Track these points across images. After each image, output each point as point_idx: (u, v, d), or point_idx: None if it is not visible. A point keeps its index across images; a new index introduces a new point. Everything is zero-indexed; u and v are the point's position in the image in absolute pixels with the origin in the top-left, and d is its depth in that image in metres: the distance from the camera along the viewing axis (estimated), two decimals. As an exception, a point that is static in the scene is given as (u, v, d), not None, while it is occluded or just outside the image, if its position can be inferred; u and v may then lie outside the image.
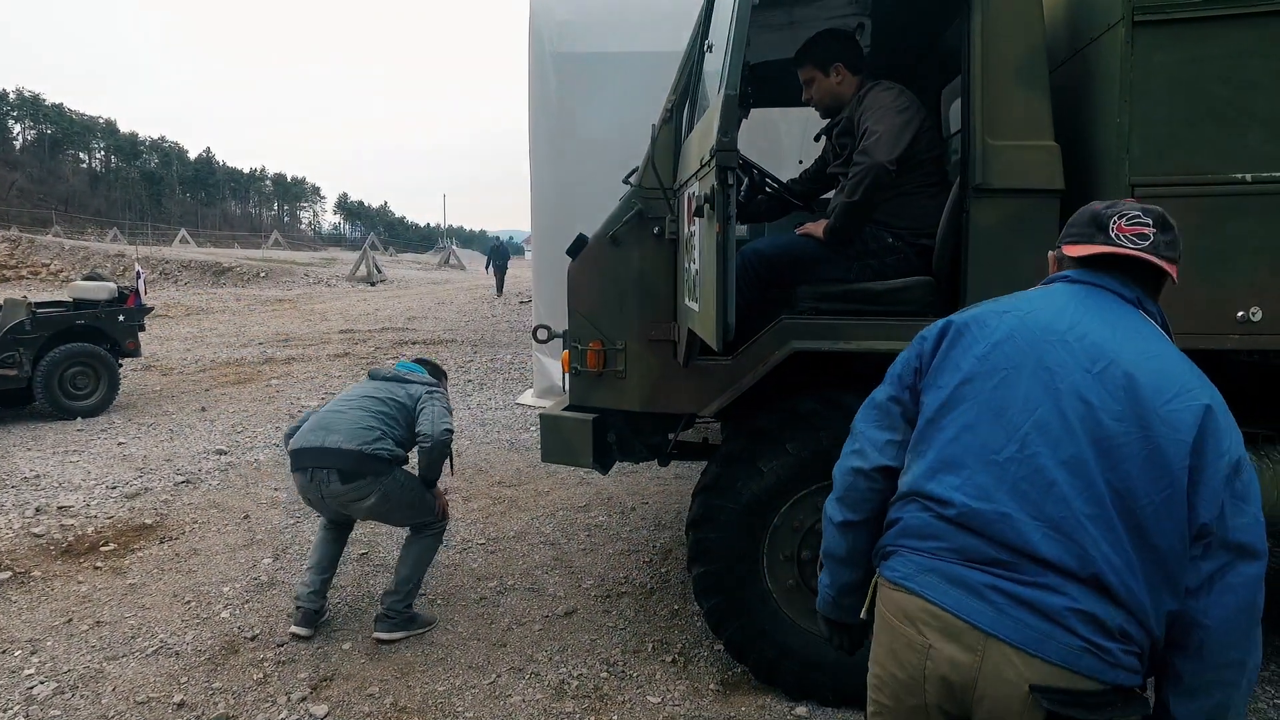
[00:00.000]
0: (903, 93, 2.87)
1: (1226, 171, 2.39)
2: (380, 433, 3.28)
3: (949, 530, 1.41)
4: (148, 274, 18.70)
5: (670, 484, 5.47)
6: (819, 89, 3.09)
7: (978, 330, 1.52)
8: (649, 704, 2.89)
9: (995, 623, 1.32)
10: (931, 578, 1.40)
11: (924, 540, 1.44)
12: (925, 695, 1.41)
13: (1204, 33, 2.37)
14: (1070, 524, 1.32)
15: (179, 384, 9.69)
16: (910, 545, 1.46)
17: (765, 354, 2.70)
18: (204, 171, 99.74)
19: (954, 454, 1.44)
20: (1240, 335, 2.44)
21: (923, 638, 1.39)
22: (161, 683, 3.07)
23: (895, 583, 1.46)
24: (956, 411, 1.46)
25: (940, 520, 1.42)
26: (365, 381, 3.58)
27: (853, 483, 1.62)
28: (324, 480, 3.20)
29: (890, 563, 1.49)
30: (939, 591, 1.38)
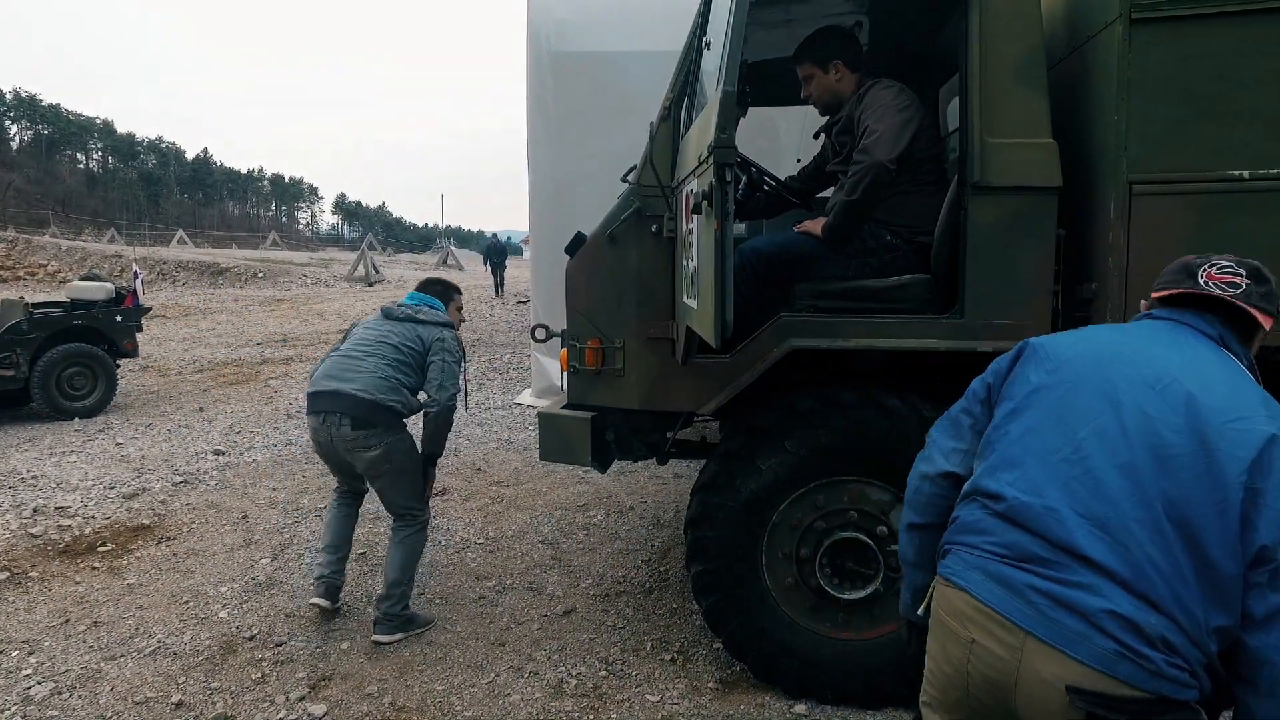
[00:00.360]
0: (903, 91, 2.86)
1: (1223, 169, 2.39)
2: (396, 382, 3.33)
3: (998, 525, 1.45)
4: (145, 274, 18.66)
5: (669, 483, 5.47)
6: (818, 86, 3.08)
7: (1051, 348, 1.60)
8: (648, 702, 2.89)
9: (1033, 621, 1.34)
10: (977, 575, 1.44)
11: (975, 535, 1.49)
12: (968, 689, 1.45)
13: (1201, 30, 2.37)
14: (1116, 524, 1.33)
15: (177, 384, 9.67)
16: (963, 541, 1.51)
17: (764, 352, 2.70)
18: (201, 172, 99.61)
19: (1013, 454, 1.50)
20: (1238, 332, 2.44)
21: (967, 633, 1.43)
22: (160, 683, 3.06)
23: (947, 579, 1.51)
24: (1022, 418, 1.53)
25: (991, 515, 1.47)
26: (379, 320, 3.54)
27: (919, 487, 1.72)
28: (335, 424, 3.26)
29: (945, 560, 1.54)
30: (983, 588, 1.42)
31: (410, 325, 3.47)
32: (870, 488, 2.76)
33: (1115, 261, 2.47)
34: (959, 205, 2.63)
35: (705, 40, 2.71)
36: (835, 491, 2.78)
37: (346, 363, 3.36)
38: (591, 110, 6.58)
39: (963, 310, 2.61)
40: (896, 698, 2.81)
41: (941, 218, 2.75)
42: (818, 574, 2.81)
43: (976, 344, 2.60)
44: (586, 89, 6.59)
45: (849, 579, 2.82)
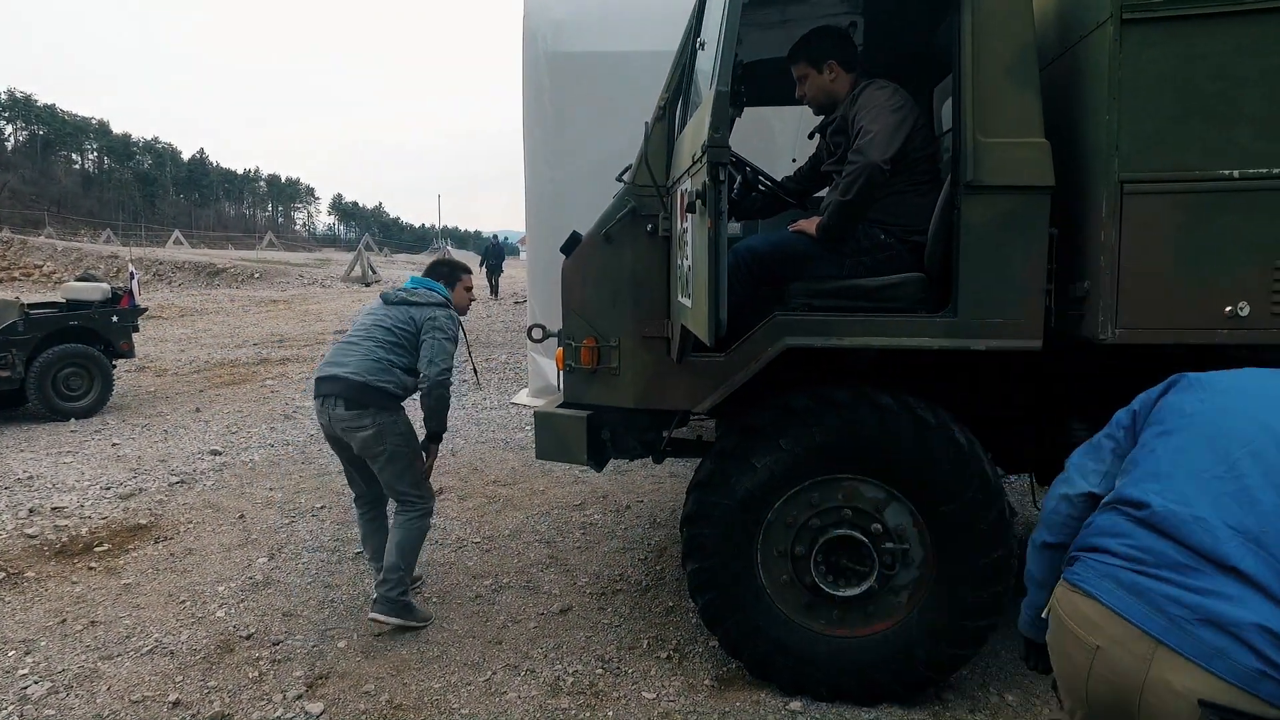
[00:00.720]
0: (897, 91, 2.87)
1: (1214, 168, 2.41)
2: (387, 363, 3.42)
3: (1135, 530, 1.46)
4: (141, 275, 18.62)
5: (665, 482, 5.48)
6: (812, 86, 3.09)
7: (1207, 380, 1.63)
8: (644, 700, 2.90)
9: (1166, 631, 1.34)
10: (1108, 583, 1.45)
11: (1110, 538, 1.49)
12: (1086, 693, 1.47)
13: (1192, 30, 2.39)
14: (1273, 540, 1.32)
15: (173, 385, 9.67)
16: (1095, 546, 1.52)
17: (758, 350, 2.71)
18: (198, 172, 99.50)
19: (1161, 468, 1.51)
20: (1229, 330, 2.46)
21: (1092, 639, 1.44)
22: (157, 682, 3.07)
23: (1073, 585, 1.51)
24: (1172, 438, 1.55)
25: (1130, 520, 1.48)
26: (377, 306, 3.65)
27: (1055, 507, 1.73)
28: (332, 405, 3.38)
29: (1073, 568, 1.55)
30: (1113, 596, 1.42)
31: (404, 308, 3.55)
32: (864, 485, 2.78)
33: (1107, 260, 2.49)
34: (952, 204, 2.65)
35: (699, 40, 2.73)
36: (830, 489, 2.79)
37: (344, 348, 3.50)
38: (589, 110, 6.58)
39: (956, 309, 2.62)
40: (891, 694, 2.83)
41: (935, 217, 2.77)
42: (812, 571, 2.82)
43: (970, 342, 2.62)
44: (583, 89, 6.59)
45: (843, 576, 2.83)
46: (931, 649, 2.77)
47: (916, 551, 2.79)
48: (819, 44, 3.03)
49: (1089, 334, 2.56)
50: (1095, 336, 2.53)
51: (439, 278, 3.74)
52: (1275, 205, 2.37)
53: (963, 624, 2.75)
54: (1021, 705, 2.87)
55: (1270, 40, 2.34)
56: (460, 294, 3.77)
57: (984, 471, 2.70)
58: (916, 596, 2.81)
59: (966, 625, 2.75)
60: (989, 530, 2.70)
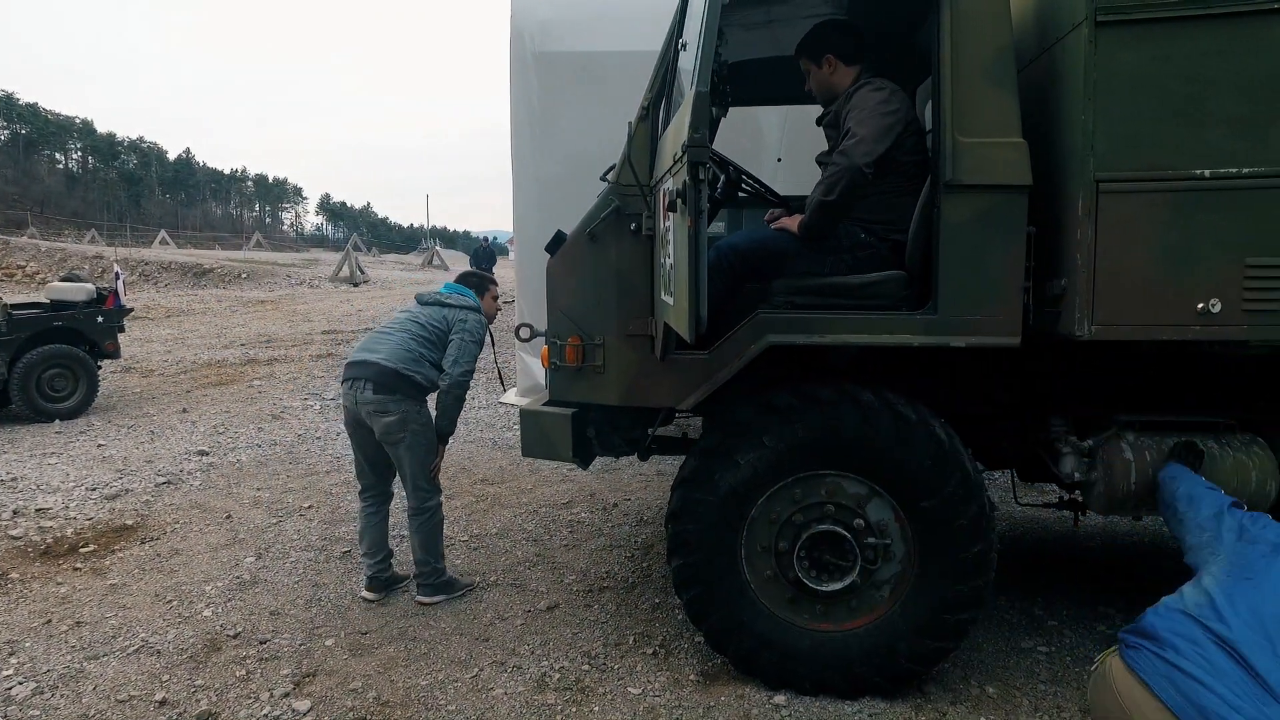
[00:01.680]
0: (894, 94, 2.84)
1: (1187, 168, 2.46)
2: (419, 355, 3.63)
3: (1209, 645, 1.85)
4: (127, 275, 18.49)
5: (652, 480, 5.51)
6: (814, 79, 3.12)
7: None
8: (630, 695, 2.93)
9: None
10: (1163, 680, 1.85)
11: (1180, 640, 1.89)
12: None
13: (1165, 33, 2.43)
14: None
15: (160, 385, 9.62)
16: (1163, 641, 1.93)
17: (741, 348, 2.74)
18: (184, 172, 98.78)
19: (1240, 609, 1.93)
20: (1201, 326, 2.51)
21: (1129, 709, 1.90)
22: (143, 681, 3.07)
23: (1131, 669, 1.96)
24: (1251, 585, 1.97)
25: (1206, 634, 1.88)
26: (413, 305, 3.88)
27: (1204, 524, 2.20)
28: (360, 388, 3.56)
29: (1135, 655, 1.98)
30: (1166, 693, 1.83)
31: (438, 308, 3.81)
32: (847, 481, 2.81)
33: (1083, 258, 2.53)
34: (932, 203, 2.68)
35: (681, 41, 2.75)
36: (812, 485, 2.82)
37: (378, 337, 3.72)
38: (576, 110, 6.58)
39: (936, 306, 2.65)
40: (874, 688, 2.86)
41: (915, 216, 2.80)
42: (796, 567, 2.85)
43: (950, 339, 2.65)
44: (570, 89, 6.59)
45: (826, 571, 2.86)
46: (914, 642, 2.81)
47: (898, 546, 2.82)
48: (818, 38, 3.06)
49: (1066, 331, 2.61)
50: (1072, 333, 2.57)
51: (470, 286, 3.97)
52: (1245, 204, 2.43)
53: (944, 617, 2.78)
54: (1002, 697, 2.91)
55: (1238, 43, 2.39)
56: (489, 303, 3.99)
57: (964, 467, 2.74)
58: (899, 591, 2.84)
59: (948, 619, 2.79)
60: (969, 525, 2.73)
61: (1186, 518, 2.39)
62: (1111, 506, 2.87)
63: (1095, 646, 3.25)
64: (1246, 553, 1.98)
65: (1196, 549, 2.25)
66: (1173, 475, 2.62)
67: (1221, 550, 2.07)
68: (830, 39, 3.05)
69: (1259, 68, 2.39)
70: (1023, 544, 4.46)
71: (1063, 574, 3.99)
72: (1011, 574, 3.91)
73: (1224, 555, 2.04)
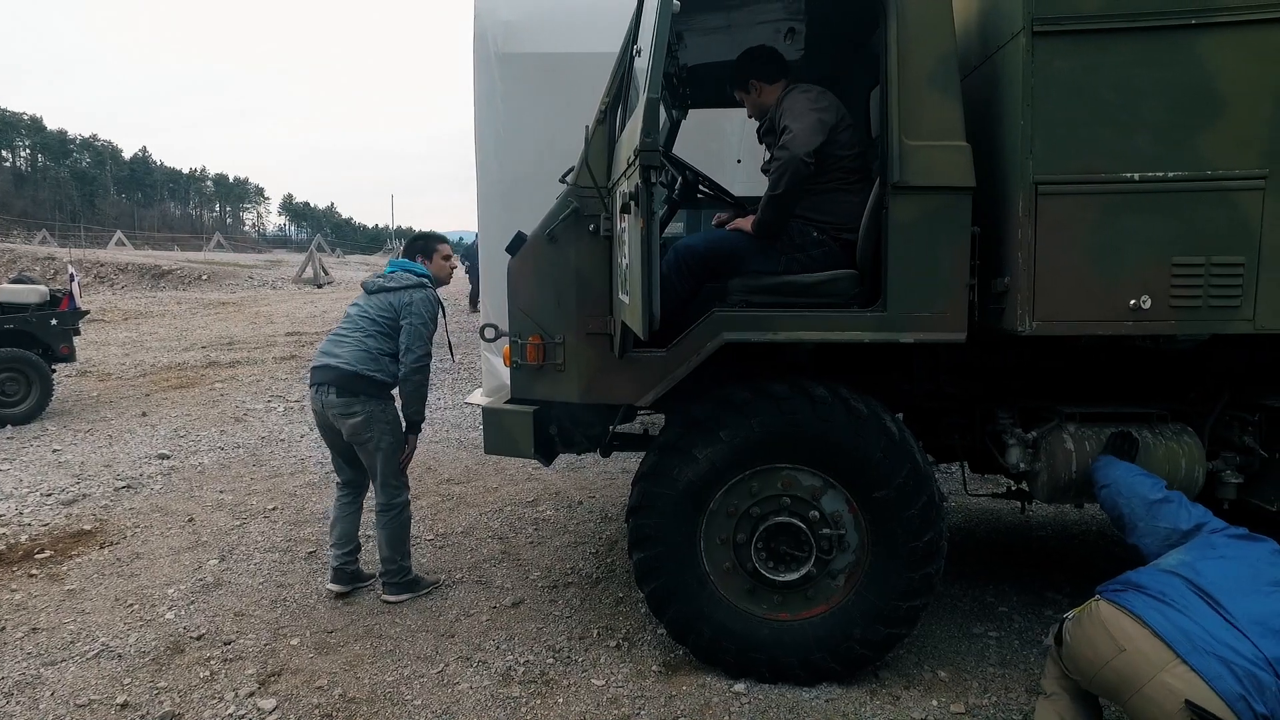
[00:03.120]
0: (822, 94, 3.03)
1: (1117, 171, 2.58)
2: (375, 352, 3.63)
3: (1189, 593, 2.11)
4: (81, 277, 18.07)
5: (617, 478, 5.57)
6: (749, 104, 3.35)
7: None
8: (593, 686, 2.99)
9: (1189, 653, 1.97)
10: (1155, 614, 2.07)
11: (1169, 590, 2.13)
12: (1094, 673, 2.15)
13: (1096, 44, 2.56)
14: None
15: (117, 389, 9.43)
16: (1152, 592, 2.15)
17: (698, 345, 2.81)
18: (140, 171, 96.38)
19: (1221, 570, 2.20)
20: (1133, 322, 2.64)
21: (1121, 643, 2.08)
22: (103, 685, 3.05)
23: (1120, 605, 2.16)
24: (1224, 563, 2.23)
25: (1188, 586, 2.14)
26: (361, 296, 3.83)
27: (1157, 523, 2.45)
28: (325, 393, 3.61)
29: (1124, 595, 2.19)
30: (1157, 622, 2.05)
31: (383, 295, 3.75)
32: (801, 474, 2.90)
33: (1024, 257, 2.65)
34: (881, 204, 2.78)
35: (636, 47, 2.81)
36: (769, 478, 2.91)
37: (335, 339, 3.73)
38: (539, 111, 6.62)
39: (885, 304, 2.75)
40: (830, 674, 2.95)
41: (865, 216, 2.90)
42: (754, 558, 2.94)
43: (898, 335, 2.75)
44: (534, 90, 6.63)
45: (783, 562, 2.95)
46: (868, 629, 2.91)
47: (852, 536, 2.92)
48: (740, 68, 3.27)
49: (1009, 327, 2.72)
50: (1015, 329, 2.69)
51: (415, 254, 3.91)
52: (1170, 206, 2.56)
53: (897, 604, 2.88)
54: (953, 680, 3.02)
55: (1162, 54, 2.52)
56: (439, 264, 3.90)
57: (914, 458, 2.84)
58: (853, 579, 2.94)
59: (901, 605, 2.89)
60: (919, 514, 2.84)
61: (1130, 509, 2.59)
62: (1054, 495, 3.00)
63: (1042, 630, 3.38)
64: (1210, 540, 2.31)
65: (1144, 534, 2.49)
66: (1106, 464, 2.78)
67: (1176, 537, 2.39)
68: (750, 66, 3.25)
69: (1181, 78, 2.52)
70: (976, 534, 4.61)
71: (1013, 562, 4.13)
72: (964, 563, 4.04)
73: (1188, 543, 2.35)
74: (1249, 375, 3.07)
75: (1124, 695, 2.05)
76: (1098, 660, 2.12)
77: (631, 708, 2.85)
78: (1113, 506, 2.64)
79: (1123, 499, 2.60)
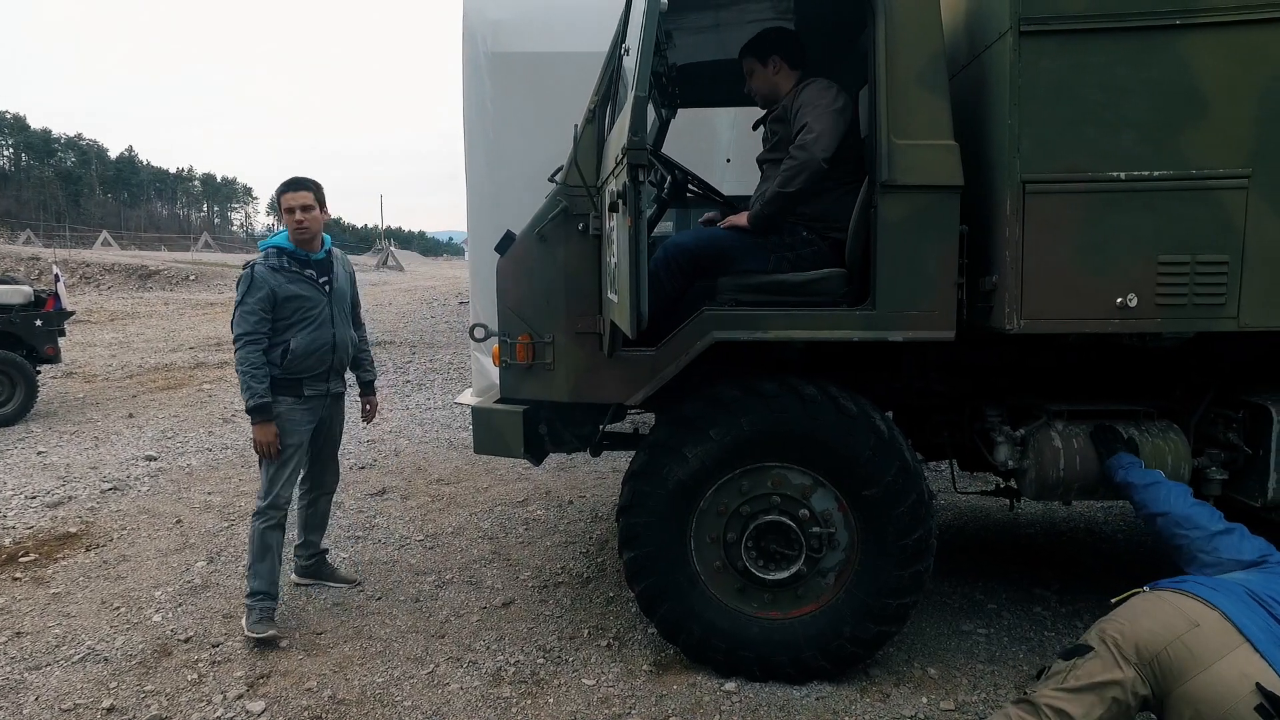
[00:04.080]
0: (840, 93, 2.98)
1: (1104, 170, 2.60)
2: None
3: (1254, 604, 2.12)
4: (67, 277, 17.91)
5: (608, 477, 5.57)
6: (758, 79, 3.22)
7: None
8: (584, 686, 2.98)
9: (1260, 641, 1.98)
10: (1230, 601, 2.08)
11: (1239, 585, 2.17)
12: (1159, 648, 2.06)
13: (1082, 43, 2.57)
14: None
15: (104, 391, 9.36)
16: (1216, 587, 2.17)
17: (687, 344, 2.81)
18: (126, 171, 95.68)
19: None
20: (1120, 320, 2.66)
21: (1195, 618, 2.06)
22: (89, 689, 3.02)
23: (1193, 594, 2.15)
24: None
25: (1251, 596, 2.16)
26: None
27: (1196, 538, 2.48)
28: None
29: (1196, 588, 2.19)
30: (1230, 608, 2.06)
31: None
32: (791, 472, 2.90)
33: (1012, 255, 2.66)
34: (870, 202, 2.79)
35: (624, 46, 2.81)
36: (759, 477, 2.91)
37: None
38: (529, 110, 6.60)
39: (874, 302, 2.76)
40: (821, 672, 2.96)
41: (854, 214, 2.91)
42: (744, 557, 2.94)
43: (887, 334, 2.76)
44: (524, 90, 6.62)
45: (773, 561, 2.95)
46: (858, 627, 2.91)
47: (842, 535, 2.93)
48: (766, 40, 3.18)
49: (997, 325, 2.73)
50: (1003, 327, 2.70)
51: None
52: (1156, 204, 2.58)
53: (887, 602, 2.89)
54: (943, 677, 3.03)
55: (1146, 54, 2.54)
56: (288, 220, 3.41)
57: (903, 457, 2.85)
58: (843, 577, 2.95)
59: (890, 603, 2.89)
60: (909, 512, 2.84)
61: (1189, 540, 2.54)
62: (1042, 492, 3.01)
63: (1031, 628, 3.40)
64: (1276, 569, 2.31)
65: (1206, 565, 2.45)
66: (1154, 487, 2.70)
67: (1238, 569, 2.37)
68: (777, 43, 3.16)
69: (1165, 77, 2.54)
70: (965, 532, 4.63)
71: (1002, 560, 4.16)
72: (954, 561, 4.06)
73: (1252, 570, 2.34)
74: (1233, 373, 3.10)
75: (1192, 672, 1.97)
76: (1168, 634, 2.04)
77: (622, 707, 2.85)
78: (1170, 536, 2.57)
79: (1182, 530, 2.53)
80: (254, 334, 3.31)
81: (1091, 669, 2.10)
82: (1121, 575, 3.88)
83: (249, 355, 3.31)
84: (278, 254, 3.42)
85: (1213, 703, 1.93)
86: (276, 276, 3.36)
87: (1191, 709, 1.97)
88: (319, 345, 3.46)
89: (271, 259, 3.39)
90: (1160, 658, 2.03)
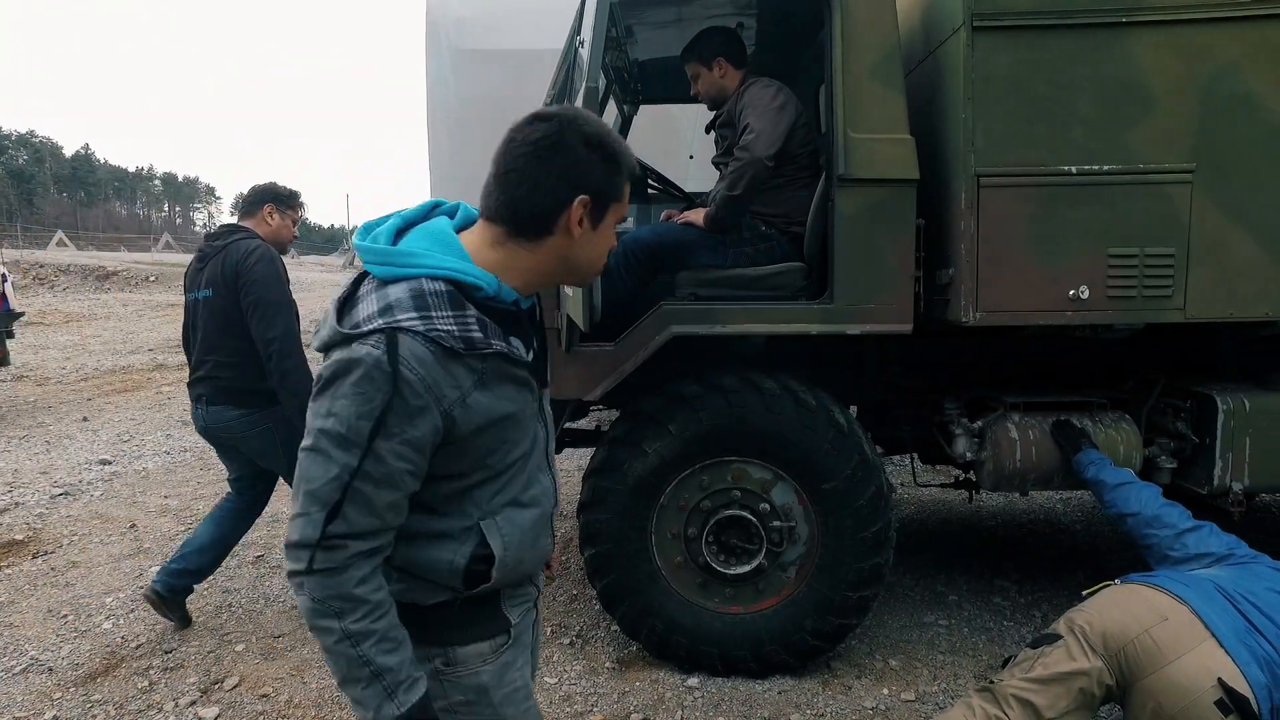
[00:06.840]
0: (781, 90, 2.99)
1: (1055, 164, 2.64)
2: None
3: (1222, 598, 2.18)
4: (17, 278, 17.42)
5: (572, 475, 5.53)
6: (704, 83, 3.21)
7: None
8: (546, 684, 2.95)
9: (1227, 637, 2.03)
10: (1200, 599, 2.12)
11: (1209, 583, 2.21)
12: (1126, 640, 2.10)
13: (1032, 39, 2.61)
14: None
15: (57, 394, 9.10)
16: (1188, 583, 2.21)
17: (646, 339, 2.79)
18: (83, 169, 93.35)
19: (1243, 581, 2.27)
20: (1073, 312, 2.70)
21: (1163, 612, 2.11)
22: (31, 700, 2.92)
23: (1164, 588, 2.20)
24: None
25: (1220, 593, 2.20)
26: None
27: (1165, 536, 2.53)
28: None
29: (1168, 584, 2.22)
30: (1200, 604, 2.09)
31: None
32: (751, 466, 2.90)
33: (967, 249, 2.69)
34: (827, 196, 2.80)
35: (579, 39, 2.79)
36: (719, 472, 2.91)
37: None
38: (493, 107, 6.52)
39: (833, 296, 2.77)
40: (783, 666, 2.97)
41: (813, 209, 2.92)
42: (705, 552, 2.93)
43: (845, 327, 2.77)
44: (487, 86, 6.56)
45: (734, 555, 2.95)
46: (819, 620, 2.92)
47: (802, 528, 2.93)
48: (708, 42, 3.15)
49: (954, 317, 2.76)
50: (959, 319, 2.73)
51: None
52: (1105, 198, 2.62)
53: (847, 595, 2.90)
54: (904, 669, 3.06)
55: (1095, 51, 2.59)
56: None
57: (863, 450, 2.86)
58: (804, 571, 2.95)
59: (851, 596, 2.91)
60: (868, 505, 2.86)
61: (1160, 539, 2.57)
62: (1000, 483, 3.05)
63: (991, 618, 3.45)
64: (1245, 565, 2.35)
65: (1177, 562, 2.49)
66: (1123, 486, 2.73)
67: (1209, 563, 2.42)
68: (719, 44, 3.15)
69: (1112, 74, 2.58)
70: (927, 525, 4.67)
71: (963, 552, 4.20)
72: (916, 553, 4.10)
73: (1221, 564, 2.39)
74: (1181, 364, 3.16)
75: (1157, 665, 2.01)
76: (1136, 626, 2.08)
77: (585, 705, 2.83)
78: (1141, 536, 2.60)
79: (1152, 530, 2.56)
80: (374, 531, 1.17)
81: (1059, 658, 2.13)
82: (1080, 566, 3.96)
83: (358, 597, 1.15)
84: (453, 295, 1.17)
85: (1175, 696, 1.96)
86: (458, 370, 1.16)
87: (1154, 701, 2.00)
88: (542, 524, 1.38)
89: (442, 310, 1.15)
90: (1127, 649, 2.06)
